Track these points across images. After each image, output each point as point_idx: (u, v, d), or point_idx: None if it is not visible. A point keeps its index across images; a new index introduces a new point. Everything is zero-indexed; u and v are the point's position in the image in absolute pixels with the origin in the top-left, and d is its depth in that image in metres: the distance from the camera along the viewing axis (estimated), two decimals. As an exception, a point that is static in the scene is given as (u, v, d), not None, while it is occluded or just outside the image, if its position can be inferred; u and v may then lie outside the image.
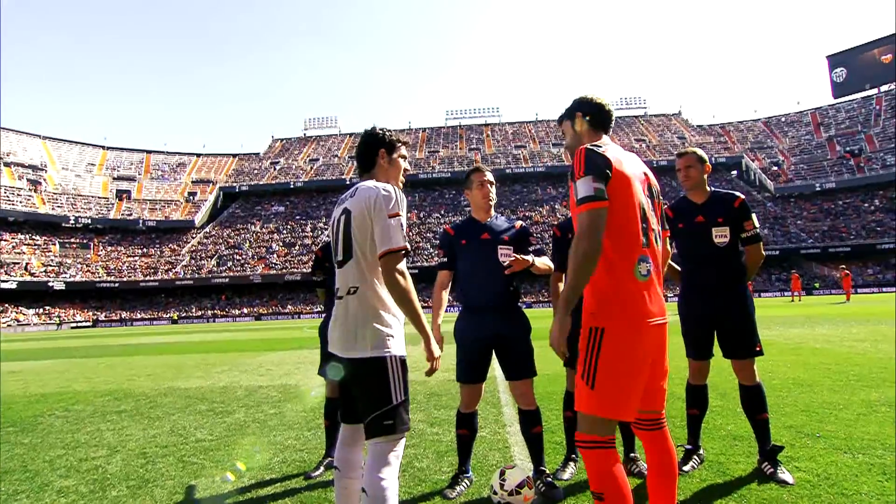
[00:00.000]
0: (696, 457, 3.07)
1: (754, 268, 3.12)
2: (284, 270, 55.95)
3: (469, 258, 2.94)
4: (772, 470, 2.83)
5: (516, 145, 78.78)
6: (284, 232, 65.54)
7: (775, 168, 64.03)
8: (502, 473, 2.63)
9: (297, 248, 61.61)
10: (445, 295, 3.04)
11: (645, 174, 2.06)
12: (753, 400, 2.98)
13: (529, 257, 2.77)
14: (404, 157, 2.24)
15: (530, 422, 2.89)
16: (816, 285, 45.95)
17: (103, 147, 78.43)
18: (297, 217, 69.01)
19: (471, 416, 2.95)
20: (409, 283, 1.97)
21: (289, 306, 53.31)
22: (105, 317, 52.73)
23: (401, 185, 2.19)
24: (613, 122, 2.14)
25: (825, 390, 4.88)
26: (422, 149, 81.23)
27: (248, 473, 3.31)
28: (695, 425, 3.16)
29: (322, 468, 3.33)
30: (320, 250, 3.60)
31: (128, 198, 70.35)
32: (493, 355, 2.96)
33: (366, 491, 1.87)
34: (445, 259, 3.05)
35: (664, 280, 2.15)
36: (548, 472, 2.89)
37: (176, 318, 50.99)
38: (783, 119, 74.97)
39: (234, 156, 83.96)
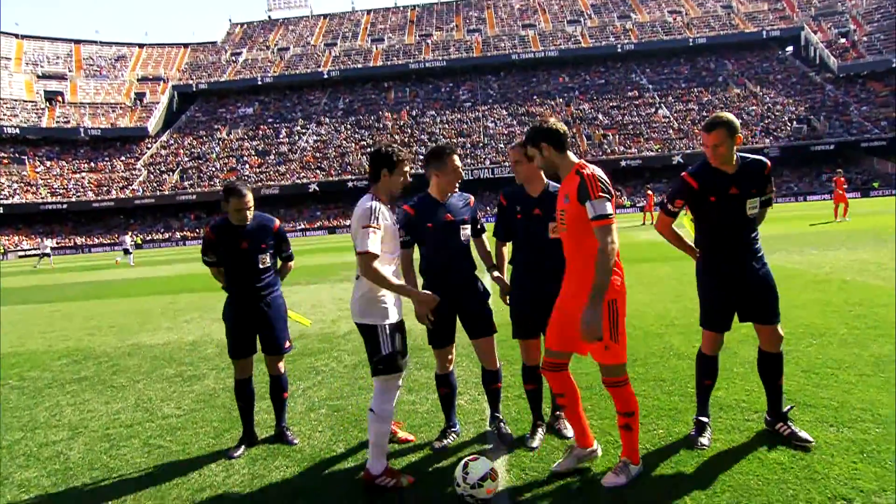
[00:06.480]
0: (709, 428, 3.50)
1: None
2: (260, 183, 55.77)
3: (434, 240, 3.64)
4: (790, 431, 3.31)
5: (524, 24, 74.96)
6: (256, 138, 64.61)
7: (843, 41, 61.01)
8: (465, 465, 2.99)
9: (272, 156, 61.12)
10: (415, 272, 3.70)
11: None
12: (776, 367, 3.44)
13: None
14: (405, 173, 3.31)
15: (491, 379, 3.78)
16: (875, 185, 45.65)
17: (16, 35, 73.74)
18: (270, 119, 67.70)
19: (447, 377, 3.77)
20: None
21: (266, 225, 53.65)
22: (57, 243, 53.21)
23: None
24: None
25: (836, 343, 5.19)
26: (411, 32, 77.63)
27: (218, 447, 3.73)
28: (707, 395, 3.60)
29: (242, 448, 3.80)
30: (212, 232, 4.08)
31: (61, 101, 68.08)
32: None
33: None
34: (409, 238, 3.61)
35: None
36: (501, 417, 3.79)
37: (140, 242, 51.77)
38: (860, -24, 70.03)
39: (186, 46, 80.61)
